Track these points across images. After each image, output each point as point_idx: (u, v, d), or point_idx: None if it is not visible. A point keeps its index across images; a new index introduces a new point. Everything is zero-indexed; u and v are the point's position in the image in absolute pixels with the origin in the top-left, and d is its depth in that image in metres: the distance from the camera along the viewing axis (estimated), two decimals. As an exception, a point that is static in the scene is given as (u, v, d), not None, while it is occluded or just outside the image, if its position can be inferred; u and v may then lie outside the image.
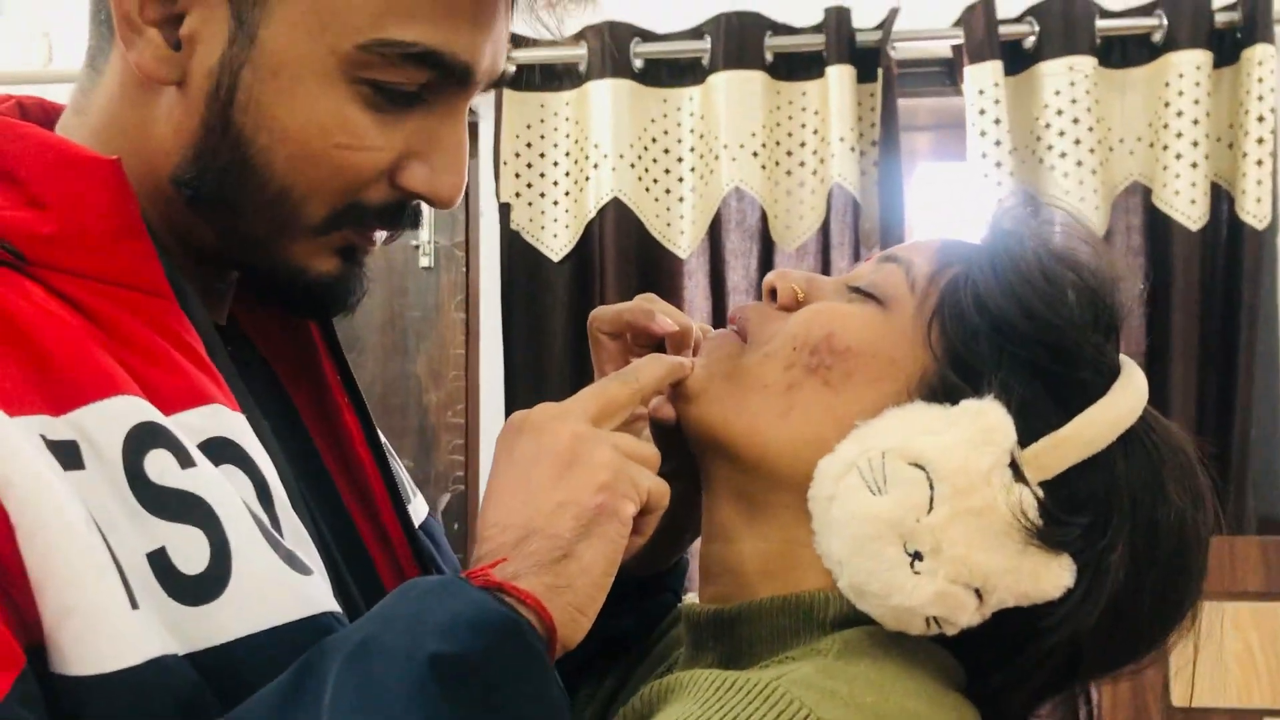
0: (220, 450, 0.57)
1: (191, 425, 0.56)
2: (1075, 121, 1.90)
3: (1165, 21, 1.90)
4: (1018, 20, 1.95)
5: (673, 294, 2.00)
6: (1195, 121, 1.87)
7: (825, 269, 1.96)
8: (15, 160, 0.58)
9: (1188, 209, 1.88)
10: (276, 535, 0.56)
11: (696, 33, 2.00)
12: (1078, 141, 1.90)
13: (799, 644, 0.61)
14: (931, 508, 0.58)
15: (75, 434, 0.52)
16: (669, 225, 2.03)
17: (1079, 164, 1.90)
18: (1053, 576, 0.59)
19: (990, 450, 0.59)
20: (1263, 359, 1.91)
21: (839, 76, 1.93)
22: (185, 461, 0.54)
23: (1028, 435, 0.60)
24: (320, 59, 0.58)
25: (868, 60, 1.96)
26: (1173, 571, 0.63)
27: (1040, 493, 0.59)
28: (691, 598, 0.74)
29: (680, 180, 2.02)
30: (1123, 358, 0.67)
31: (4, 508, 0.48)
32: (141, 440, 0.53)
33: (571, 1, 0.64)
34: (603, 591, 0.57)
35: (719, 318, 2.00)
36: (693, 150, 2.00)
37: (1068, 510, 0.60)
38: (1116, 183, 1.95)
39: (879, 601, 0.59)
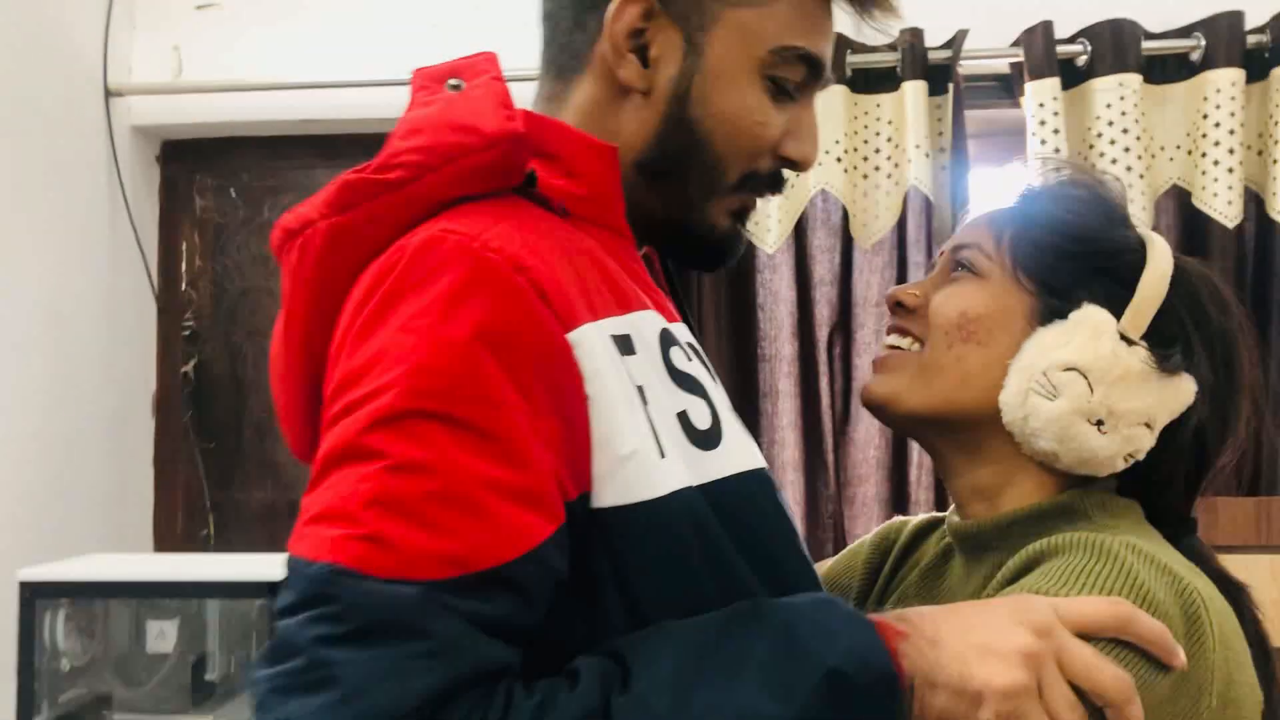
0: (695, 350, 0.79)
1: (679, 332, 0.78)
2: (1124, 131, 2.14)
3: (1203, 43, 2.14)
4: (1071, 40, 2.18)
5: (759, 285, 2.23)
6: (1230, 131, 2.11)
7: (901, 263, 2.18)
8: (554, 145, 0.80)
9: (1224, 209, 2.12)
10: (733, 413, 0.79)
11: (783, 50, 2.22)
12: (1126, 149, 2.14)
13: (1058, 527, 0.83)
14: (1093, 390, 0.82)
15: (630, 330, 0.73)
16: (757, 224, 2.25)
17: (1128, 169, 2.13)
18: (1185, 390, 0.84)
19: (1106, 338, 0.83)
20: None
21: (913, 90, 2.16)
22: (689, 356, 0.77)
23: (1117, 312, 0.84)
24: (746, 62, 0.81)
25: (938, 75, 2.19)
26: (1232, 350, 0.88)
27: (1145, 345, 0.84)
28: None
29: (768, 183, 2.24)
30: (1141, 230, 0.90)
31: (588, 395, 0.68)
32: (666, 339, 0.76)
33: (887, 13, 0.85)
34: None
35: (803, 307, 2.23)
36: (779, 156, 2.22)
37: (1166, 346, 0.84)
38: (1159, 185, 2.19)
39: (1091, 459, 0.84)
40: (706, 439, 0.74)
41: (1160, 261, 0.86)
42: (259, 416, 2.47)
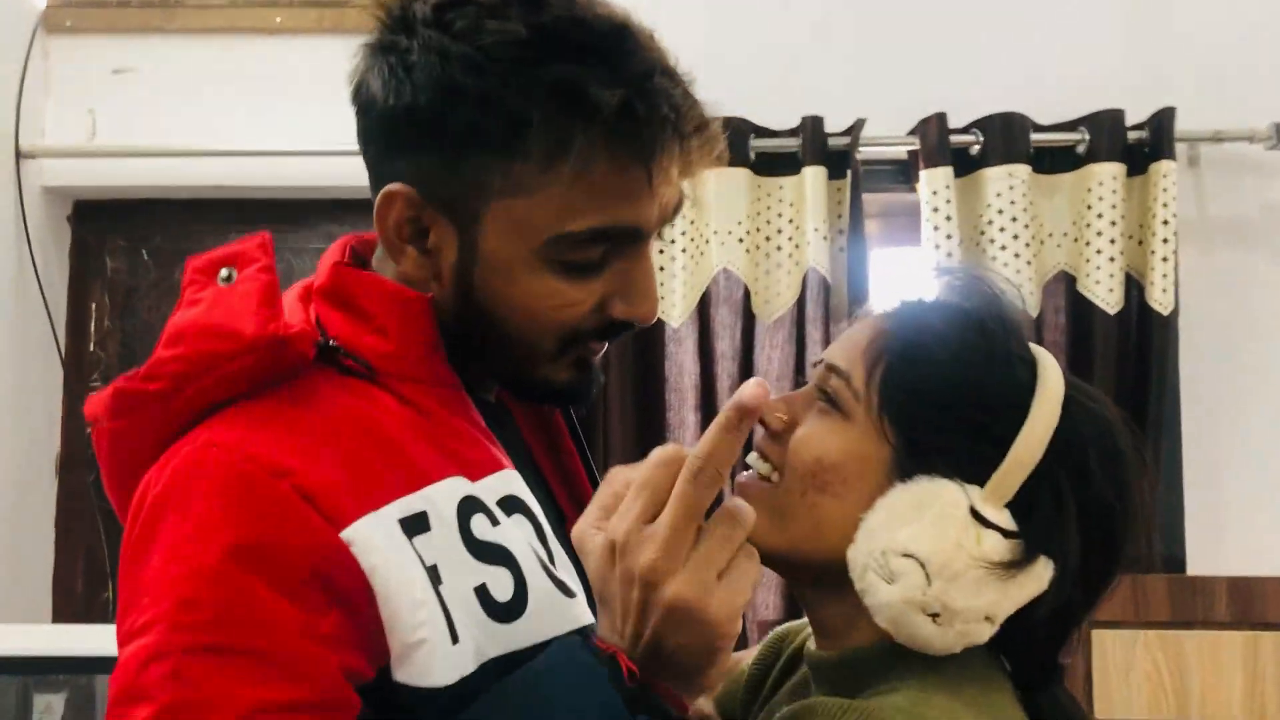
0: (510, 505, 0.79)
1: (492, 487, 0.78)
2: (1013, 220, 2.23)
3: (1087, 137, 2.25)
4: (965, 130, 2.28)
5: (665, 358, 2.29)
6: (1113, 223, 2.22)
7: (800, 340, 2.25)
8: (364, 300, 0.81)
9: (1106, 295, 2.22)
10: (551, 568, 0.79)
11: (690, 132, 2.28)
12: (1015, 236, 2.23)
13: (892, 676, 0.80)
14: (930, 583, 0.74)
15: (426, 505, 0.73)
16: (663, 299, 2.30)
17: (1016, 255, 2.23)
18: (1038, 579, 0.75)
19: (953, 523, 0.74)
20: (1167, 424, 2.25)
21: (813, 175, 2.24)
22: (494, 521, 0.76)
23: (981, 477, 0.75)
24: (522, 254, 0.78)
25: (838, 161, 2.27)
26: (1112, 524, 0.79)
27: (1004, 524, 0.75)
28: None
29: (674, 259, 2.30)
30: (1038, 358, 0.80)
31: (372, 587, 0.70)
32: (467, 508, 0.75)
33: (714, 160, 0.82)
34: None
35: (705, 379, 2.29)
36: (684, 234, 2.29)
37: (1031, 514, 0.75)
38: (1046, 270, 2.29)
39: (924, 646, 0.78)
40: (507, 611, 0.74)
41: (1042, 419, 0.77)
42: (165, 478, 2.46)
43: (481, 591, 0.74)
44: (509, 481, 0.80)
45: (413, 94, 0.76)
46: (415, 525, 0.73)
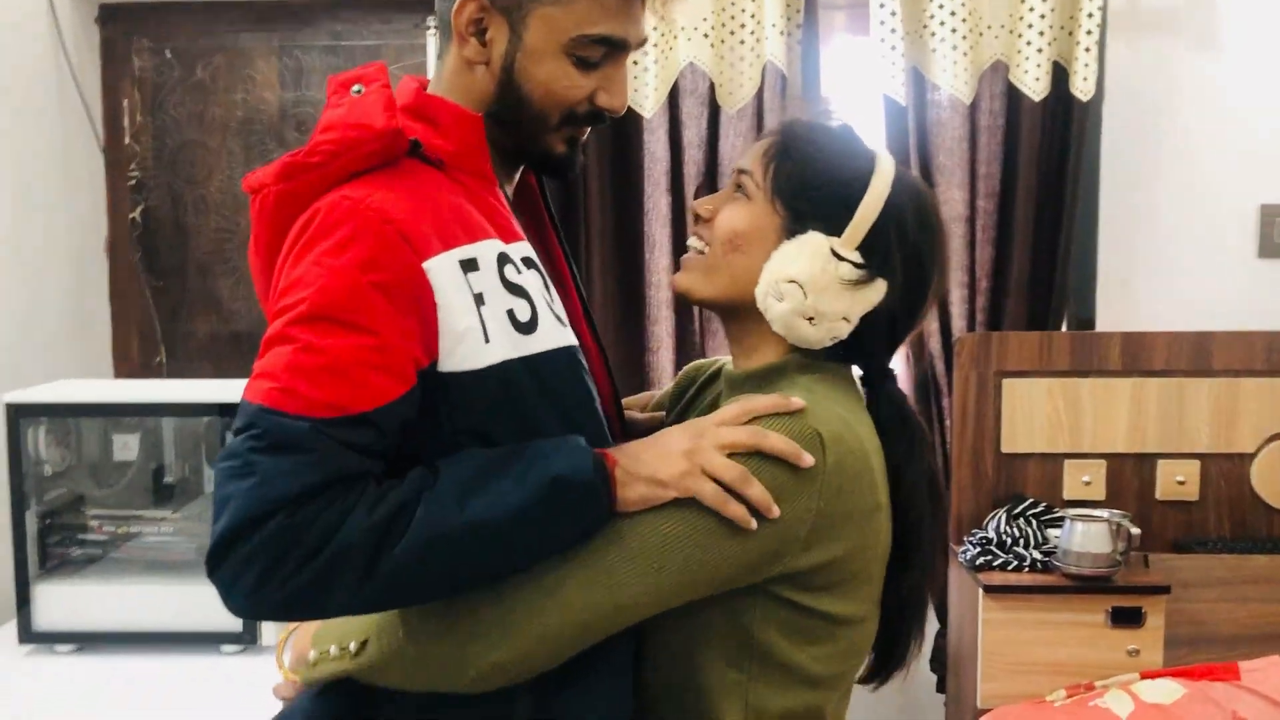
0: (528, 263, 1.09)
1: (517, 249, 1.09)
2: (953, 14, 2.45)
3: (1025, -67, 2.43)
4: (913, -71, 2.46)
5: (640, 147, 2.56)
6: (1042, 15, 2.44)
7: (760, 128, 2.51)
8: (437, 115, 1.12)
9: (1033, 84, 2.46)
10: (554, 307, 1.10)
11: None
12: (954, 30, 2.46)
13: (784, 382, 1.15)
14: (806, 297, 1.09)
15: (475, 254, 1.04)
16: (636, 91, 2.55)
17: (954, 48, 2.46)
18: (876, 291, 1.11)
19: (819, 258, 1.09)
20: (1084, 198, 2.54)
21: (772, -27, 2.45)
22: (519, 270, 1.07)
23: (839, 230, 1.10)
24: (553, 46, 1.09)
25: (795, -41, 2.47)
26: (923, 262, 1.15)
27: (853, 259, 1.10)
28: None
29: (645, 54, 2.53)
30: (877, 153, 1.15)
31: (437, 302, 1.00)
32: (502, 259, 1.06)
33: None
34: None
35: (675, 165, 2.57)
36: (655, 29, 2.51)
37: (871, 256, 1.10)
38: (983, 61, 2.52)
39: (805, 341, 1.14)
40: (526, 328, 1.05)
41: (876, 191, 1.12)
42: (201, 258, 2.79)
43: (510, 314, 1.05)
44: (526, 249, 1.13)
45: None
46: (469, 266, 1.04)
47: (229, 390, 2.05)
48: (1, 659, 2.02)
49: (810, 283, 1.10)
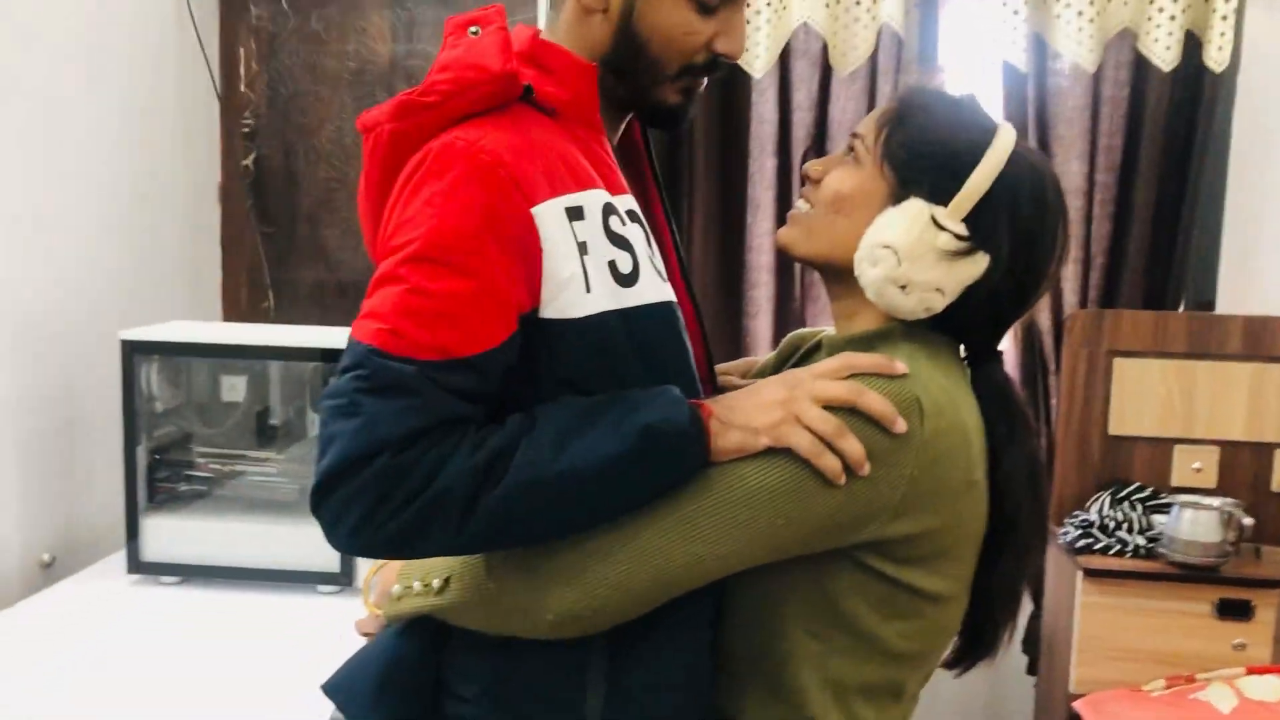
0: (632, 216, 1.08)
1: (623, 201, 1.08)
2: (1081, -23, 2.36)
3: (1162, -105, 2.33)
4: (1042, -111, 2.37)
5: (748, 106, 2.52)
6: (1177, -19, 2.33)
7: (872, 93, 2.46)
8: (551, 62, 1.10)
9: (1163, 53, 2.36)
10: (654, 262, 1.09)
11: (777, -110, 2.43)
12: (1081, -6, 2.37)
13: (886, 347, 1.12)
14: (900, 264, 1.06)
15: (582, 203, 1.02)
16: (747, 50, 2.52)
17: (1079, 14, 2.37)
18: (976, 266, 1.07)
19: (917, 226, 1.06)
20: (1211, 175, 2.43)
21: (892, -67, 2.38)
22: (623, 222, 1.06)
23: (945, 201, 1.06)
24: None
25: (917, -81, 2.41)
26: (1034, 240, 1.10)
27: (955, 229, 1.05)
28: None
29: (758, 13, 2.49)
30: (999, 127, 1.10)
31: (544, 249, 0.99)
32: (607, 210, 1.05)
33: None
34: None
35: (783, 128, 2.53)
36: (769, -11, 2.47)
37: (978, 230, 1.06)
38: (1109, 29, 2.42)
39: (897, 310, 1.11)
40: (627, 280, 1.05)
41: (989, 164, 1.08)
42: (310, 206, 2.83)
43: (612, 265, 1.04)
44: (630, 202, 1.12)
45: None
46: (575, 214, 1.03)
47: (334, 337, 2.08)
48: (110, 587, 2.09)
49: (905, 249, 1.06)
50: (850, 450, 0.99)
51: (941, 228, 1.07)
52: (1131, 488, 2.35)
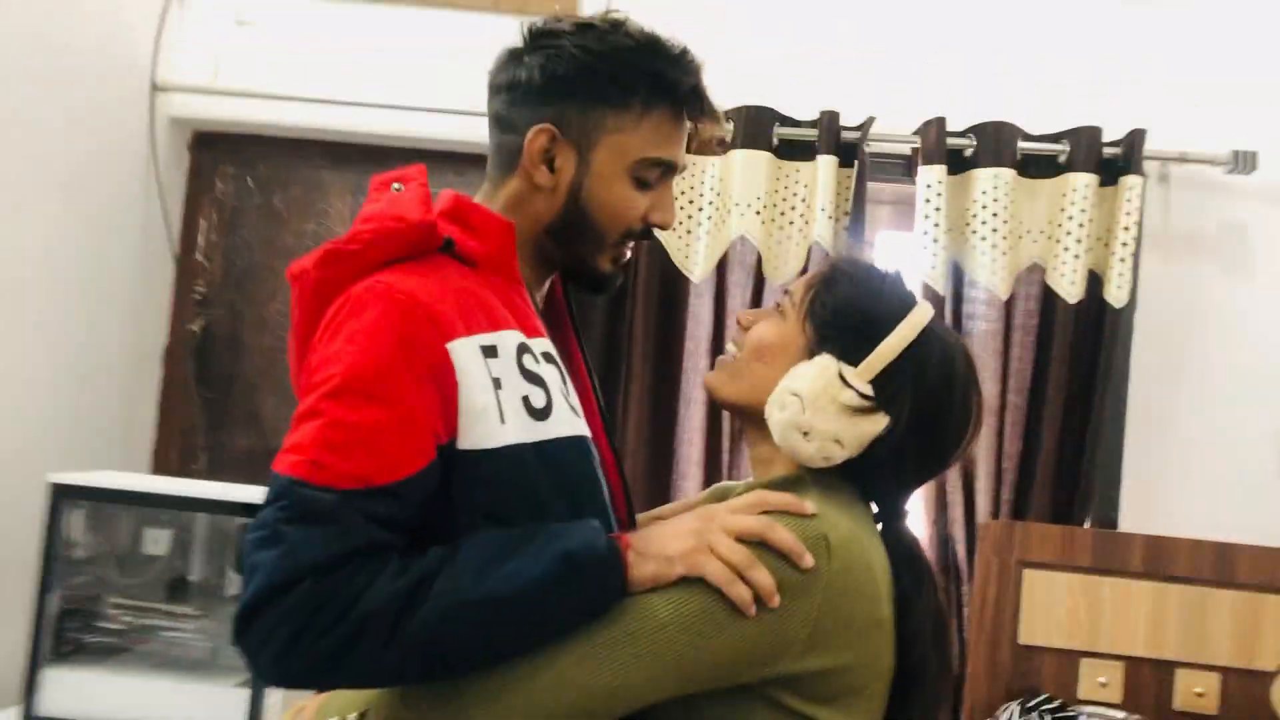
0: (547, 357, 1.15)
1: (537, 343, 1.15)
2: (995, 215, 2.58)
3: (1068, 148, 2.58)
4: (961, 135, 2.62)
5: (686, 309, 2.66)
6: (1081, 225, 2.56)
7: (801, 303, 2.61)
8: (471, 220, 1.19)
9: (1069, 288, 2.56)
10: (569, 399, 1.18)
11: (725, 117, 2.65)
12: (995, 230, 2.58)
13: (798, 489, 1.18)
14: (804, 410, 1.13)
15: (496, 341, 1.10)
16: (687, 258, 2.68)
17: (994, 246, 2.57)
18: (874, 425, 1.14)
19: (824, 379, 1.14)
20: (1113, 401, 2.60)
21: (825, 163, 2.60)
22: (536, 361, 1.13)
23: (856, 361, 1.14)
24: (618, 169, 1.19)
25: (848, 152, 2.63)
26: (940, 411, 1.18)
27: (861, 388, 1.13)
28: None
29: (700, 225, 2.67)
30: (918, 302, 1.20)
31: (458, 382, 1.07)
32: (521, 349, 1.12)
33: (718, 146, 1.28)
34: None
35: (718, 327, 2.66)
36: (711, 204, 2.66)
37: (883, 392, 1.14)
38: (1021, 262, 2.63)
39: (798, 456, 1.17)
40: (540, 414, 1.11)
41: (901, 334, 1.17)
42: (251, 375, 2.88)
43: (525, 400, 1.11)
44: (547, 345, 1.19)
45: (565, 70, 1.19)
46: (489, 351, 1.10)
47: (262, 494, 2.09)
48: (0, 739, 2.01)
49: (810, 398, 1.14)
50: (760, 581, 1.03)
51: (847, 384, 1.15)
52: (1040, 699, 2.39)
